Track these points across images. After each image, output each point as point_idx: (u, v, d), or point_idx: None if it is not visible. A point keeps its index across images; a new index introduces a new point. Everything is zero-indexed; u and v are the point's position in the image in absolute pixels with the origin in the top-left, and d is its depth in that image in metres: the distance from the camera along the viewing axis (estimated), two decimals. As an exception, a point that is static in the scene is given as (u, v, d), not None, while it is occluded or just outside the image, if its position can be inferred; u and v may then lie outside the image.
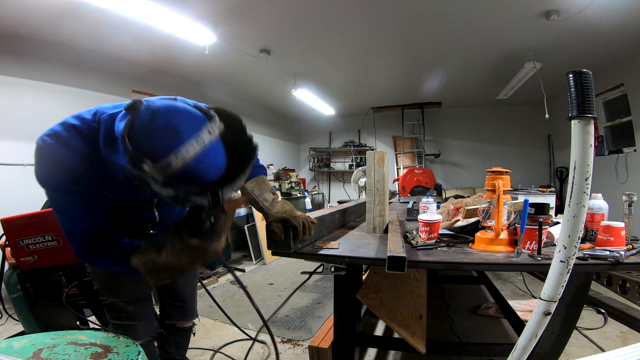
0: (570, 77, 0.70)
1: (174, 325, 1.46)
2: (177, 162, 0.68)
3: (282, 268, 3.95)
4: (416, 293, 1.52)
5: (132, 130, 0.70)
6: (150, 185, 0.70)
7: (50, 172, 0.86)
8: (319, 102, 5.76)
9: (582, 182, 0.69)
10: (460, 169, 6.73)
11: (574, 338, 1.99)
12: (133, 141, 0.69)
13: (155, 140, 0.69)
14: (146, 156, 0.68)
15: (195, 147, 0.70)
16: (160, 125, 0.69)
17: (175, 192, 0.71)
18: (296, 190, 5.56)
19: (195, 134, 0.71)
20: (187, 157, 0.69)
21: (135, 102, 0.73)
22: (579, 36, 3.23)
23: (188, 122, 0.72)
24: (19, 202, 2.51)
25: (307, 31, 3.30)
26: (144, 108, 0.72)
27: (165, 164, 0.68)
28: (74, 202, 0.89)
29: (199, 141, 0.71)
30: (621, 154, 4.16)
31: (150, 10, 2.49)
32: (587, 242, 1.19)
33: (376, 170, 1.44)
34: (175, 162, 0.68)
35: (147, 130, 0.70)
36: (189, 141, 0.69)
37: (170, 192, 0.71)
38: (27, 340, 0.89)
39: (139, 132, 0.70)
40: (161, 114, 0.71)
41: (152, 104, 0.73)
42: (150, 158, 0.68)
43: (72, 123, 0.88)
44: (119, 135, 0.74)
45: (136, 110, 0.72)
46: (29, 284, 1.57)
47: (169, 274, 0.85)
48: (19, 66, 2.92)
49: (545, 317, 0.75)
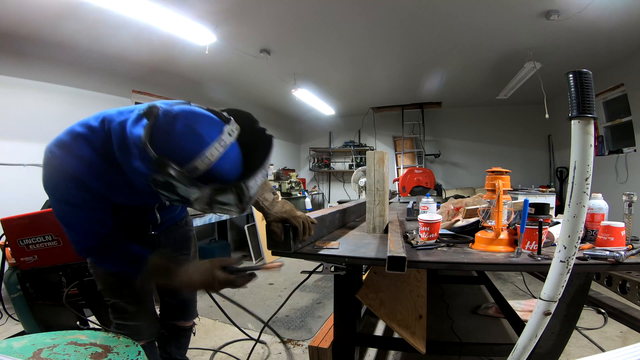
0: (570, 77, 0.70)
1: (174, 325, 1.46)
2: (203, 165, 0.70)
3: (282, 268, 3.94)
4: (416, 293, 1.52)
5: (153, 135, 0.71)
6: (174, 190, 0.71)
7: (59, 183, 0.87)
8: (319, 102, 5.76)
9: (582, 182, 0.69)
10: (460, 169, 6.73)
11: (574, 338, 1.99)
12: (155, 146, 0.70)
13: (179, 145, 0.71)
14: (171, 161, 0.69)
15: (218, 150, 0.72)
16: (182, 130, 0.71)
17: (201, 193, 0.72)
18: (296, 190, 5.56)
19: (217, 136, 0.73)
20: (211, 159, 0.71)
21: (151, 107, 0.75)
22: (579, 36, 3.23)
23: (209, 125, 0.74)
24: (19, 202, 2.51)
25: (307, 31, 3.30)
26: (163, 113, 0.73)
27: (192, 168, 0.70)
28: (81, 214, 0.90)
29: (221, 143, 0.72)
30: (621, 154, 4.16)
31: (150, 10, 2.49)
32: (587, 242, 1.19)
33: (376, 170, 1.44)
34: (200, 166, 0.70)
35: (169, 135, 0.71)
36: (212, 144, 0.71)
37: (196, 194, 0.72)
38: (27, 340, 0.89)
39: (161, 137, 0.71)
40: (182, 118, 0.72)
41: (171, 109, 0.74)
42: (176, 162, 0.69)
43: (79, 132, 0.87)
44: (135, 142, 0.75)
45: (154, 115, 0.73)
46: (29, 284, 1.58)
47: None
48: (19, 66, 2.92)
49: (545, 317, 0.75)
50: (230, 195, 0.74)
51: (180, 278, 0.91)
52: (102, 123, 0.88)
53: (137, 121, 0.79)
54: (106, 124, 0.87)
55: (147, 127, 0.72)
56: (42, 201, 2.07)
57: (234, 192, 0.74)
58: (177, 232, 1.35)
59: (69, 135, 0.87)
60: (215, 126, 0.75)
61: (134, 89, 3.93)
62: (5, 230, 1.55)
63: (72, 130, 0.88)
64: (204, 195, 0.72)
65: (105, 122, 0.88)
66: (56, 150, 0.86)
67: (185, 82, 4.53)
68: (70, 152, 0.85)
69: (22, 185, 2.88)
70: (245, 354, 1.94)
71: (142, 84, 4.00)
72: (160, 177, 0.69)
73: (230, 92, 5.21)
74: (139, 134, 0.74)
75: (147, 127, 0.72)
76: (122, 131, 0.83)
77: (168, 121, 0.72)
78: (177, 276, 0.91)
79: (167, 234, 1.29)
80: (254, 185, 0.78)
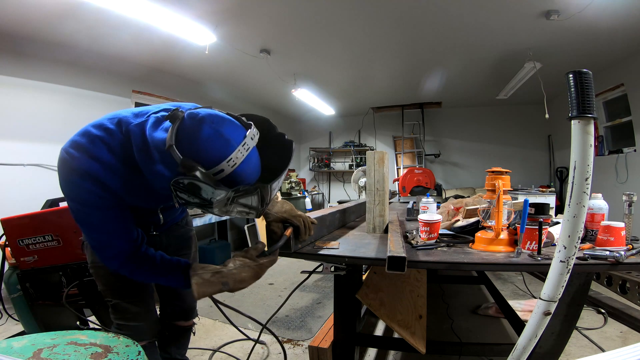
0: (570, 77, 0.70)
1: (174, 325, 1.46)
2: (228, 168, 0.72)
3: (282, 268, 3.94)
4: (416, 293, 1.52)
5: (178, 138, 0.73)
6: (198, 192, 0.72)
7: (77, 185, 0.84)
8: (319, 102, 5.76)
9: (582, 182, 0.69)
10: (460, 169, 6.73)
11: (574, 338, 1.99)
12: (182, 149, 0.72)
13: (207, 147, 0.72)
14: (198, 163, 0.70)
15: (242, 153, 0.74)
16: (209, 133, 0.73)
17: (226, 195, 0.73)
18: (296, 190, 5.57)
19: (241, 140, 0.75)
20: (237, 162, 0.73)
21: (176, 111, 0.76)
22: (579, 36, 3.23)
23: (234, 129, 0.76)
24: (19, 202, 2.51)
25: (307, 31, 3.30)
26: (188, 116, 0.75)
27: (218, 170, 0.72)
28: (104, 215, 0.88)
29: (245, 147, 0.75)
30: (621, 154, 4.16)
31: (150, 10, 2.49)
32: (587, 242, 1.19)
33: (376, 170, 1.44)
34: (226, 168, 0.72)
35: (196, 138, 0.73)
36: (237, 148, 0.73)
37: (221, 195, 0.73)
38: (27, 340, 0.88)
39: (188, 140, 0.73)
40: (208, 122, 0.74)
41: (196, 112, 0.76)
42: (203, 165, 0.71)
43: (96, 134, 0.86)
44: (157, 145, 0.77)
45: (179, 119, 0.75)
46: (29, 284, 1.58)
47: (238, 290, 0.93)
48: (19, 66, 2.92)
49: (545, 317, 0.75)
50: (254, 197, 0.76)
51: (234, 278, 0.89)
52: (119, 125, 0.87)
53: (156, 125, 0.81)
54: (123, 126, 0.86)
55: (172, 129, 0.74)
56: (42, 201, 2.07)
57: (258, 194, 0.76)
58: (178, 232, 1.36)
59: (85, 137, 0.85)
60: (240, 130, 0.77)
61: (134, 89, 3.93)
62: (5, 230, 1.55)
63: (88, 132, 0.86)
64: (228, 198, 0.73)
65: (122, 124, 0.87)
66: (73, 151, 0.84)
67: (185, 82, 4.53)
68: (87, 153, 0.84)
69: (22, 185, 2.89)
70: (245, 354, 1.94)
71: (142, 84, 4.00)
72: (185, 180, 0.70)
73: (230, 92, 5.21)
74: (161, 137, 0.77)
75: (172, 130, 0.73)
76: (142, 135, 0.83)
77: (194, 124, 0.74)
78: (223, 277, 0.89)
79: (168, 234, 1.29)
80: (276, 187, 0.80)
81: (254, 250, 0.97)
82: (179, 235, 1.36)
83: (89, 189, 0.84)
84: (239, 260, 0.93)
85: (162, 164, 0.77)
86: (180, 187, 0.72)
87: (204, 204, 0.75)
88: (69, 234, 1.55)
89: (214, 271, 0.90)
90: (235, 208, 0.77)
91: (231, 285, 0.89)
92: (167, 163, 0.76)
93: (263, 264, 0.95)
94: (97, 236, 0.92)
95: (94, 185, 0.84)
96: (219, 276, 0.89)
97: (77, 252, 1.44)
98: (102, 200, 0.86)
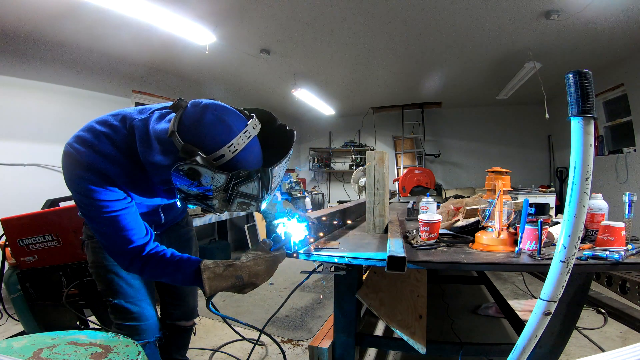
0: (570, 77, 0.70)
1: (174, 325, 1.46)
2: (229, 153, 0.73)
3: (282, 268, 3.91)
4: (416, 293, 1.52)
5: (181, 125, 0.74)
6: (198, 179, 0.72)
7: (83, 178, 0.83)
8: (319, 102, 5.76)
9: (582, 182, 0.68)
10: (460, 169, 6.72)
11: (574, 338, 1.99)
12: (183, 135, 0.73)
13: (209, 133, 0.74)
14: (199, 149, 0.72)
15: (243, 140, 0.76)
16: (211, 119, 0.74)
17: (226, 180, 0.73)
18: (296, 190, 5.57)
19: (243, 127, 0.77)
20: (238, 149, 0.74)
21: (179, 101, 0.78)
22: (579, 36, 3.23)
23: (236, 117, 0.78)
24: (19, 202, 2.51)
25: (307, 31, 3.30)
26: (191, 104, 0.77)
27: (219, 156, 0.73)
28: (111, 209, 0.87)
29: (246, 134, 0.76)
30: (621, 154, 4.16)
31: (150, 10, 2.49)
32: (587, 242, 1.19)
33: (376, 170, 1.45)
34: (227, 154, 0.73)
35: (199, 124, 0.74)
36: (238, 134, 0.75)
37: (221, 180, 0.73)
38: (27, 340, 0.88)
39: (190, 126, 0.74)
40: (211, 109, 0.76)
41: (199, 101, 0.78)
42: (203, 150, 0.72)
43: (101, 130, 0.86)
44: (159, 136, 0.78)
45: (182, 107, 0.77)
46: (29, 284, 1.58)
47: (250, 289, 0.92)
48: (19, 66, 2.92)
49: (545, 317, 0.75)
50: (254, 183, 0.76)
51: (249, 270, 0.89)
52: (123, 122, 0.87)
53: (160, 118, 0.82)
54: (128, 122, 0.87)
55: (175, 117, 0.75)
56: (42, 201, 2.07)
57: (259, 179, 0.76)
58: (179, 232, 1.36)
59: (90, 133, 0.86)
60: (242, 119, 0.79)
61: (134, 89, 3.93)
62: (5, 230, 1.55)
63: (92, 128, 0.87)
64: (228, 184, 0.74)
65: (126, 121, 0.87)
66: (78, 146, 0.84)
67: (185, 82, 4.53)
68: (92, 148, 0.84)
69: (22, 185, 2.88)
70: (245, 354, 1.94)
71: (142, 84, 4.00)
72: (185, 166, 0.71)
73: (231, 92, 5.21)
74: (164, 127, 0.78)
75: (175, 118, 0.75)
76: (145, 128, 0.84)
77: (197, 111, 0.75)
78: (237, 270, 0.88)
79: (169, 234, 1.30)
80: (278, 172, 0.80)
81: (263, 244, 0.98)
82: (179, 235, 1.36)
83: (95, 180, 0.84)
84: (252, 254, 0.93)
85: (162, 154, 0.78)
86: (180, 174, 0.72)
87: (204, 195, 0.75)
88: (69, 234, 1.55)
89: (226, 264, 0.89)
90: (236, 200, 0.77)
91: (245, 280, 0.88)
92: (167, 152, 0.77)
93: (277, 256, 0.96)
94: (105, 230, 0.89)
95: (100, 178, 0.84)
96: (232, 269, 0.88)
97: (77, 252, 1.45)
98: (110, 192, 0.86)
